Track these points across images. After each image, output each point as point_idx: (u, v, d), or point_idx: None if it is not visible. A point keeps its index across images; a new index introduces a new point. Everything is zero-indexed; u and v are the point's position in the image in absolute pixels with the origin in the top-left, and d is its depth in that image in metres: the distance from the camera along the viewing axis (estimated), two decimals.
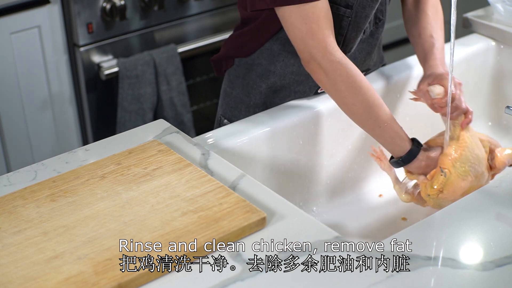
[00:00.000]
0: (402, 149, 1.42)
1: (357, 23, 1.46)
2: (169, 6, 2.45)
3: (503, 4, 1.82)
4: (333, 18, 1.43)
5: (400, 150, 1.42)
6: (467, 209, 1.20)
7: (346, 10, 1.43)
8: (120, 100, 2.41)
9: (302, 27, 1.37)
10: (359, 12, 1.44)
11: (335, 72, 1.38)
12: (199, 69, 2.63)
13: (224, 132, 1.46)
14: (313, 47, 1.37)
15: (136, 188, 1.21)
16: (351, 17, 1.44)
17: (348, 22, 1.45)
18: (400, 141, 1.42)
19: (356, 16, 1.45)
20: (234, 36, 1.58)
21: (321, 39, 1.37)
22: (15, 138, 2.34)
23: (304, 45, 1.38)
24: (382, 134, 1.41)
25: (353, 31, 1.47)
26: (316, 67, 1.39)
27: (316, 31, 1.36)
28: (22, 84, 2.29)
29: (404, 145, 1.42)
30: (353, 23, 1.46)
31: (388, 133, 1.41)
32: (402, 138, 1.42)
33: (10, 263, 1.05)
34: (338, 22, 1.45)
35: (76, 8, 2.27)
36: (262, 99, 1.57)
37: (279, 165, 1.50)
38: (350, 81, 1.38)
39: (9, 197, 1.20)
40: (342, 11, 1.43)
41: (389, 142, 1.42)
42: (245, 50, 1.55)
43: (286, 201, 1.20)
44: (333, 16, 1.43)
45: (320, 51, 1.37)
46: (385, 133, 1.41)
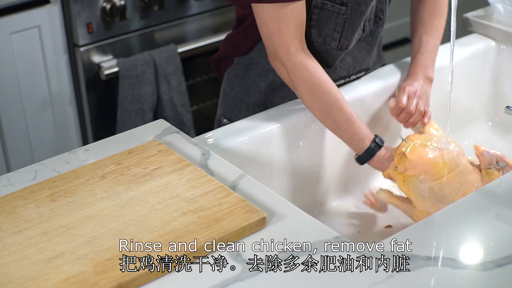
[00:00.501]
0: (360, 148, 1.47)
1: (352, 20, 1.47)
2: (169, 6, 2.45)
3: (503, 4, 1.82)
4: (329, 15, 1.45)
5: (359, 149, 1.48)
6: (467, 209, 1.20)
7: (341, 8, 1.44)
8: (120, 100, 2.41)
9: (270, 25, 1.39)
10: (354, 9, 1.45)
11: (296, 73, 1.42)
12: (199, 69, 2.63)
13: (224, 132, 1.46)
14: (278, 46, 1.41)
15: (136, 188, 1.21)
16: (347, 14, 1.45)
17: (343, 19, 1.46)
18: (358, 141, 1.47)
19: (351, 13, 1.46)
20: (231, 36, 1.59)
21: (287, 39, 1.40)
22: (15, 138, 2.34)
23: (270, 43, 1.42)
24: (341, 135, 1.48)
25: (349, 28, 1.47)
26: (279, 65, 1.44)
27: (284, 31, 1.39)
28: (22, 84, 2.29)
29: (362, 144, 1.47)
30: (349, 20, 1.46)
31: (346, 134, 1.47)
32: (360, 138, 1.47)
33: (10, 263, 1.05)
34: (334, 19, 1.46)
35: (76, 8, 2.27)
36: (261, 98, 1.57)
37: (279, 165, 1.50)
38: (310, 84, 1.42)
39: (9, 197, 1.20)
40: (337, 9, 1.45)
41: (348, 142, 1.48)
42: (241, 49, 1.56)
43: (286, 201, 1.20)
44: (329, 13, 1.44)
45: (284, 50, 1.41)
46: (343, 134, 1.47)
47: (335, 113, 1.44)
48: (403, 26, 3.14)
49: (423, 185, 1.42)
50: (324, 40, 1.47)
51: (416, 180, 1.43)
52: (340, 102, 1.44)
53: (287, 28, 1.39)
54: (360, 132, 1.46)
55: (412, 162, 1.42)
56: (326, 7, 1.44)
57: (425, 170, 1.42)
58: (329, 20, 1.45)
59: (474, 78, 1.81)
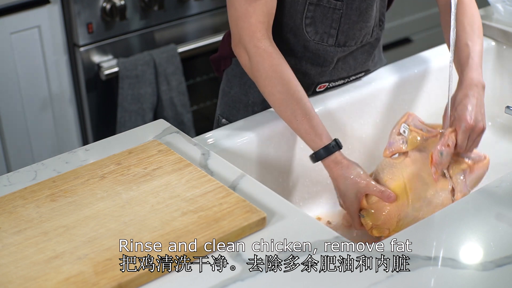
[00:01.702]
0: (317, 145, 1.40)
1: (348, 16, 1.47)
2: (169, 6, 2.45)
3: (503, 4, 1.82)
4: (325, 11, 1.45)
5: (315, 145, 1.40)
6: (467, 209, 1.20)
7: (336, 3, 1.45)
8: (120, 100, 2.41)
9: (239, 8, 1.40)
10: (349, 4, 1.46)
11: (258, 58, 1.40)
12: (199, 69, 2.63)
13: (224, 132, 1.46)
14: (243, 29, 1.40)
15: (136, 188, 1.21)
16: (342, 9, 1.46)
17: (339, 15, 1.46)
18: (315, 136, 1.40)
19: (347, 8, 1.46)
20: (227, 35, 1.59)
21: (253, 23, 1.39)
22: (15, 138, 2.34)
23: (235, 26, 1.41)
24: (298, 128, 1.41)
25: (345, 23, 1.47)
26: (242, 51, 1.42)
27: (251, 15, 1.39)
28: (22, 84, 2.29)
29: (319, 141, 1.40)
30: (345, 15, 1.46)
31: (303, 127, 1.40)
32: (318, 134, 1.40)
33: (10, 263, 1.05)
34: (330, 16, 1.46)
35: (76, 8, 2.27)
36: (260, 98, 1.57)
37: (279, 165, 1.50)
38: (271, 70, 1.40)
39: (9, 197, 1.20)
40: (333, 4, 1.45)
41: (305, 136, 1.41)
42: None
43: (286, 201, 1.20)
44: (325, 9, 1.45)
45: (248, 34, 1.40)
46: (301, 126, 1.40)
47: (295, 104, 1.40)
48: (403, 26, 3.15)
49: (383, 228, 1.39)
50: (321, 37, 1.48)
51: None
52: (300, 93, 1.41)
53: (254, 12, 1.38)
54: (318, 128, 1.41)
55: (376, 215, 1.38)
56: (322, 3, 1.45)
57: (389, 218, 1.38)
58: (325, 16, 1.46)
59: None
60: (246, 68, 1.44)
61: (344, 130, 1.59)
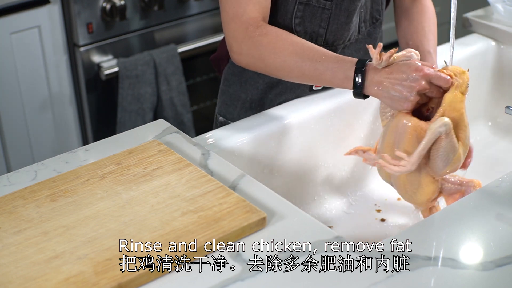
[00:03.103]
0: (352, 65, 1.30)
1: (337, 16, 1.47)
2: (169, 6, 2.45)
3: (503, 4, 1.82)
4: (314, 11, 1.45)
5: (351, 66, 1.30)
6: (467, 209, 1.20)
7: (326, 3, 1.46)
8: (120, 100, 2.41)
9: (229, 10, 1.39)
10: (338, 5, 1.46)
11: (255, 45, 1.38)
12: (199, 69, 2.63)
13: (224, 132, 1.46)
14: (235, 30, 1.39)
15: (136, 188, 1.21)
16: (331, 9, 1.46)
17: (328, 15, 1.46)
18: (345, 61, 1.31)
19: (336, 8, 1.46)
20: None
21: (244, 21, 1.38)
22: (15, 138, 2.34)
23: (227, 29, 1.41)
24: (325, 69, 1.32)
25: (333, 23, 1.48)
26: (238, 55, 1.40)
27: (241, 15, 1.38)
28: (22, 84, 2.29)
29: (351, 60, 1.31)
30: (334, 15, 1.47)
31: (331, 62, 1.32)
32: (346, 59, 1.31)
33: (10, 263, 1.05)
34: (319, 15, 1.47)
35: (76, 8, 2.27)
36: (258, 95, 1.57)
37: (279, 165, 1.50)
38: (273, 42, 1.37)
39: (9, 197, 1.20)
40: (322, 4, 1.46)
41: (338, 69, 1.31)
42: None
43: (286, 201, 1.20)
44: (314, 8, 1.45)
45: (242, 31, 1.39)
46: (328, 64, 1.32)
47: (309, 52, 1.34)
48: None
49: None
50: (310, 37, 1.48)
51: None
52: (307, 42, 1.37)
53: (245, 12, 1.38)
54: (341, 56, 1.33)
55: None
56: (311, 3, 1.45)
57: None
58: (314, 16, 1.46)
59: (474, 78, 1.81)
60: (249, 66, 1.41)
61: (344, 130, 1.59)
